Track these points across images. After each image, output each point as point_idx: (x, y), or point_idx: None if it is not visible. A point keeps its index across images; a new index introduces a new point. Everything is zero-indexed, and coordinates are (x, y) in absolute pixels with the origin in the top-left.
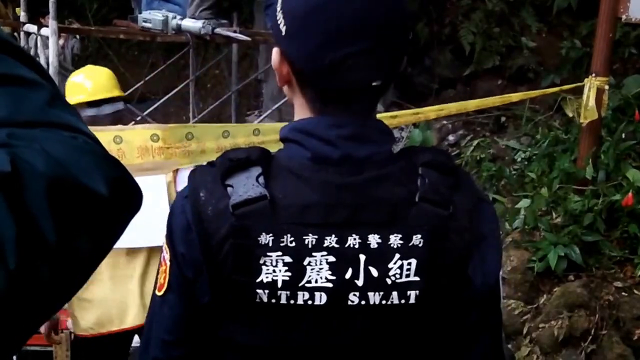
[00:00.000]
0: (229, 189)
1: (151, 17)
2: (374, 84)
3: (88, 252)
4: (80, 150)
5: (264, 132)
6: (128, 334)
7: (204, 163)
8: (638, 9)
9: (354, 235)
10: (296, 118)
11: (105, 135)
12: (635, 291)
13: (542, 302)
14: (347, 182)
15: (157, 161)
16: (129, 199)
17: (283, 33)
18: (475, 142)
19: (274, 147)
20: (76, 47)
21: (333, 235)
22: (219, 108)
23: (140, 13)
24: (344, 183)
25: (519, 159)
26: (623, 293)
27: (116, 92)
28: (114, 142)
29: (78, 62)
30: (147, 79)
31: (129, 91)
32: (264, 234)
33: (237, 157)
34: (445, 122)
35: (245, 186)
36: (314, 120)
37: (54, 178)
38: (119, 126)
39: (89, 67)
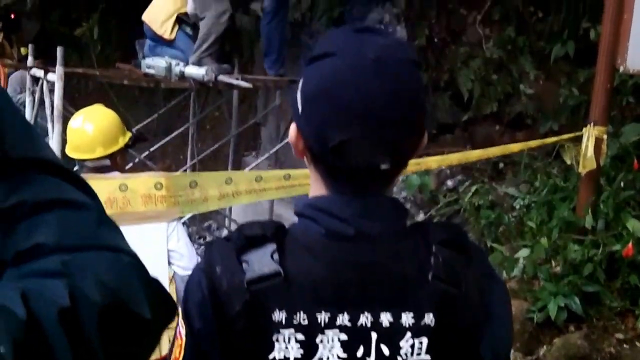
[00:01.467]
0: (244, 264)
1: (154, 64)
2: (382, 167)
3: None
4: (127, 274)
5: (266, 180)
6: None
7: (199, 213)
8: (636, 60)
9: (366, 313)
10: (312, 189)
11: (111, 183)
12: (637, 343)
13: (542, 353)
14: (360, 260)
15: (159, 209)
16: (165, 313)
17: (299, 112)
18: (473, 188)
19: (275, 194)
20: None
21: (345, 313)
22: (217, 148)
23: (144, 57)
24: (356, 260)
25: (517, 206)
26: (624, 345)
27: (97, 151)
28: (119, 189)
29: (79, 100)
30: (147, 122)
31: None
32: (277, 310)
33: (252, 234)
34: (443, 167)
35: (260, 262)
36: (328, 199)
37: (106, 306)
38: (125, 174)
39: (88, 116)
